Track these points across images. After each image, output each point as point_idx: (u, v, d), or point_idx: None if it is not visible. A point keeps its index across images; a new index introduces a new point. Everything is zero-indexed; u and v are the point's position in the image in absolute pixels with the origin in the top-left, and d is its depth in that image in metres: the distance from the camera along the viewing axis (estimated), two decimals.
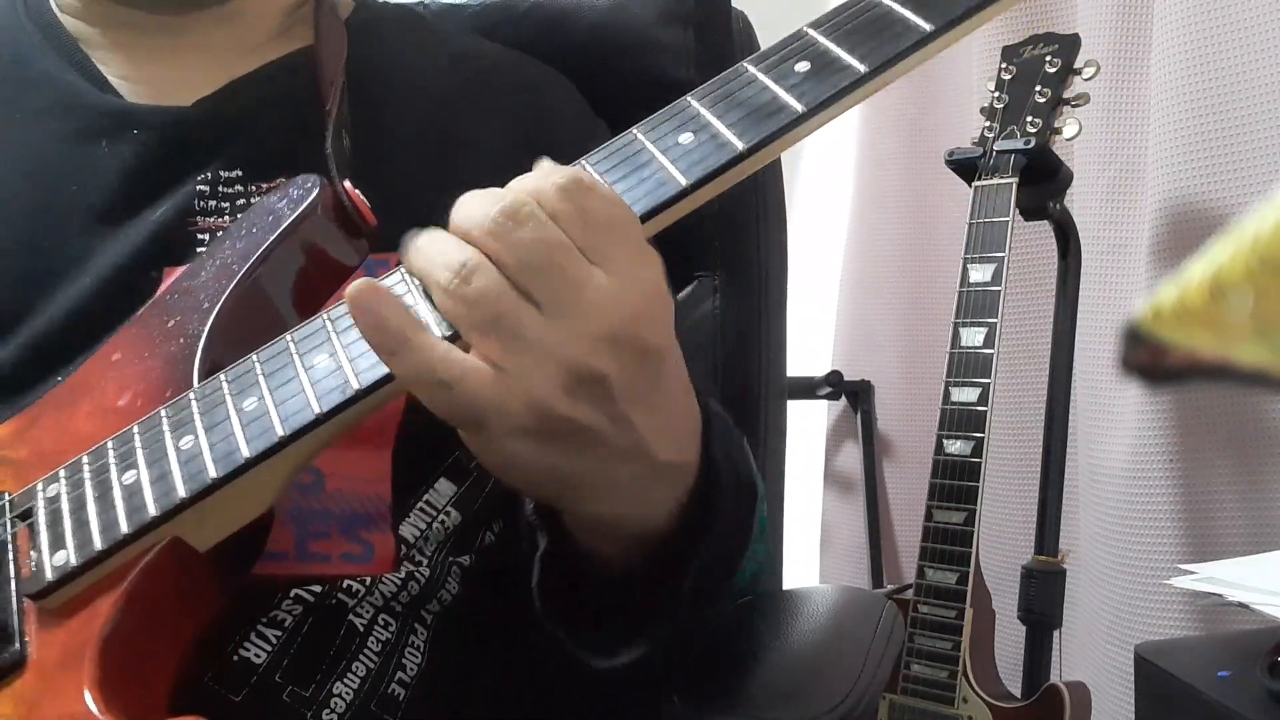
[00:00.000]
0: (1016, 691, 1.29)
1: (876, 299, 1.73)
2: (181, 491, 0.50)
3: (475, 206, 0.47)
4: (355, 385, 0.49)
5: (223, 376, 0.53)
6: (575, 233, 0.46)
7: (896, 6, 0.51)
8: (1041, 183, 1.29)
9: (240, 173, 0.67)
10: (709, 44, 0.88)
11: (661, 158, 0.50)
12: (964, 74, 1.57)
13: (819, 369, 1.74)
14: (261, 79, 0.71)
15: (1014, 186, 1.27)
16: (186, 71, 0.71)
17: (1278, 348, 0.22)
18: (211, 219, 0.66)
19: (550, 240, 0.45)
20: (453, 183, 0.72)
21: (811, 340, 1.81)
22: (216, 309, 0.58)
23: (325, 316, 0.52)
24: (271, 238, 0.60)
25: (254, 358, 0.53)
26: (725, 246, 0.89)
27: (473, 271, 0.45)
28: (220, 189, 0.67)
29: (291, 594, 0.60)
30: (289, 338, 0.52)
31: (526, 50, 0.83)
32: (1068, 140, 1.28)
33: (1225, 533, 1.28)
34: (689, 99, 0.52)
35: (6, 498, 0.55)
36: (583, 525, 0.55)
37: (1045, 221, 1.32)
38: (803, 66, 0.51)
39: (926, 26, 0.50)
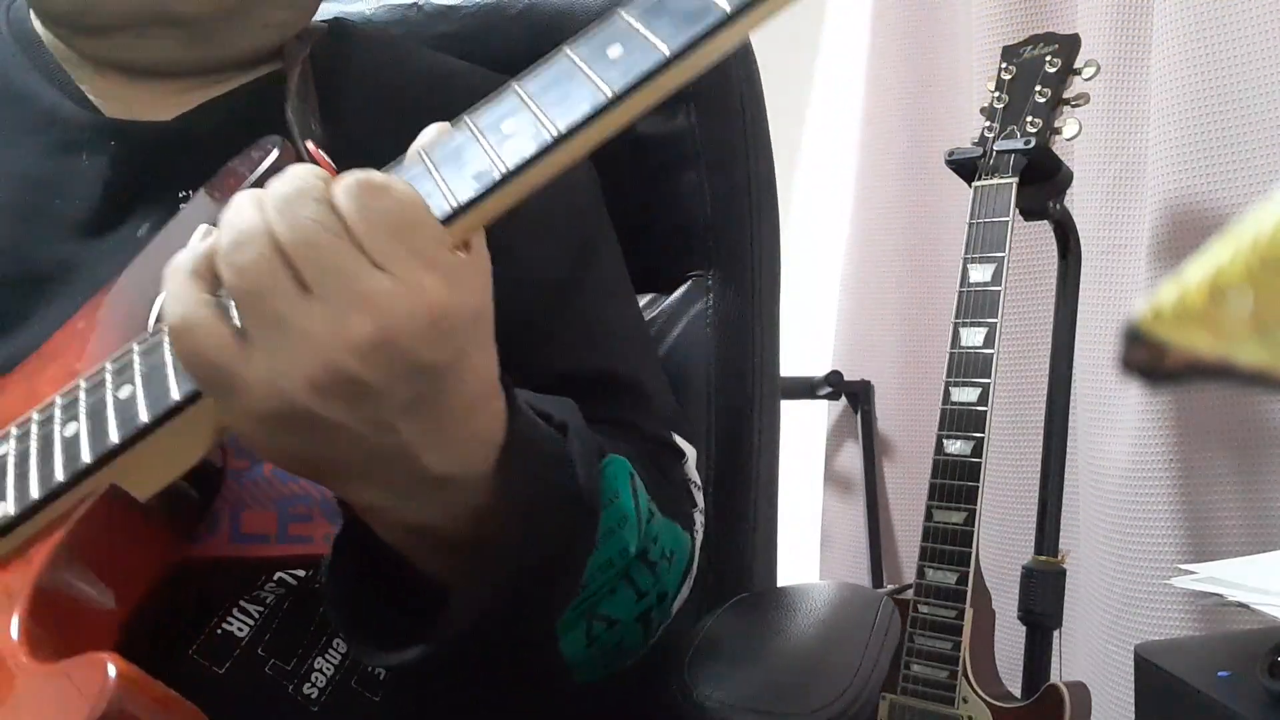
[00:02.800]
0: (1016, 691, 1.29)
1: (876, 299, 1.73)
2: (114, 437, 0.50)
3: (277, 183, 0.45)
4: None
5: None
6: (360, 228, 0.44)
7: None
8: (1041, 183, 1.29)
9: None
10: None
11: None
12: (964, 74, 1.57)
13: (819, 369, 1.73)
14: (232, 98, 0.73)
15: (1014, 186, 1.27)
16: (163, 95, 0.72)
17: (1278, 348, 0.22)
18: None
19: (328, 224, 0.43)
20: None
21: (811, 340, 1.81)
22: None
23: None
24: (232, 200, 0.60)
25: None
26: (718, 246, 0.89)
27: (248, 239, 0.44)
28: None
29: (276, 577, 0.61)
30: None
31: (520, 53, 0.83)
32: (1068, 140, 1.28)
33: (1225, 533, 1.28)
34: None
35: None
36: (367, 515, 0.52)
37: (1045, 221, 1.32)
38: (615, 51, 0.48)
39: (726, 7, 0.46)
